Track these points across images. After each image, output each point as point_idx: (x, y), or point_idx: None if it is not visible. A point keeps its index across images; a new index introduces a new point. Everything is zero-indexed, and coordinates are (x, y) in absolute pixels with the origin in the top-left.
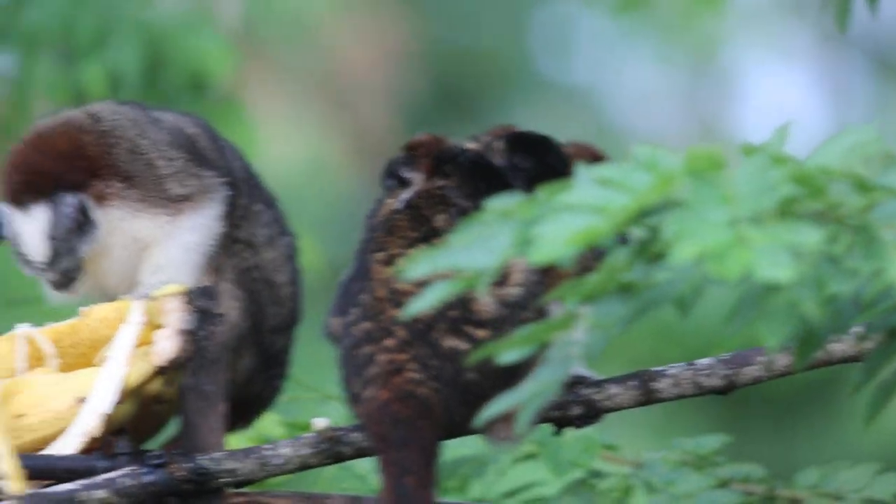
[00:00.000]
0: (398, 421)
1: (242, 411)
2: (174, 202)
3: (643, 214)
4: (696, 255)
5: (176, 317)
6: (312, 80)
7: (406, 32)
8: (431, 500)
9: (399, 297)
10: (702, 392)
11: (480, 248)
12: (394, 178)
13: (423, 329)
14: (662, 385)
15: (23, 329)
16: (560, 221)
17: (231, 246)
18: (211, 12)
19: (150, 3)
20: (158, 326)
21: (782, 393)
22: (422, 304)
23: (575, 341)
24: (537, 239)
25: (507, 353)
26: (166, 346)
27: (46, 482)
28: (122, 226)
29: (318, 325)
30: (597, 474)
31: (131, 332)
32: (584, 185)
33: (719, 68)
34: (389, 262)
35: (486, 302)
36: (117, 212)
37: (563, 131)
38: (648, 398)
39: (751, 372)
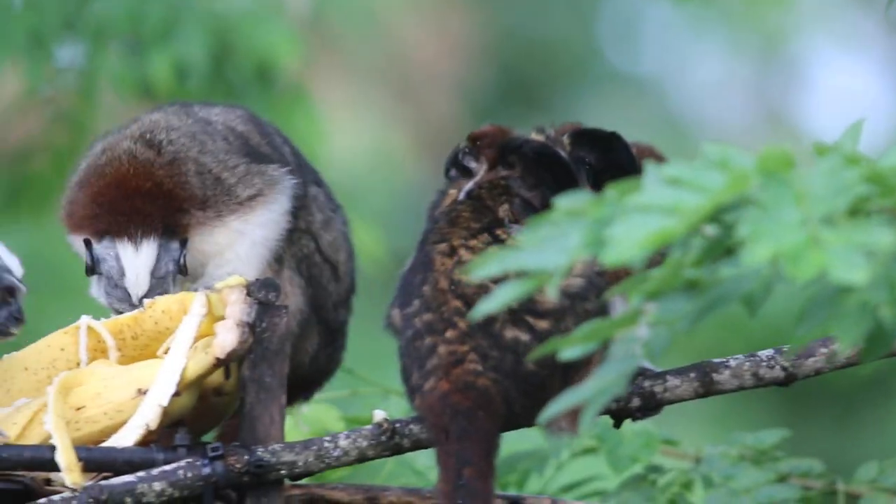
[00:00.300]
0: (458, 412)
1: (305, 386)
2: (244, 203)
3: (717, 214)
4: (771, 256)
5: (237, 308)
6: (379, 71)
7: (473, 23)
8: (490, 492)
9: (461, 289)
10: (762, 384)
11: (550, 249)
12: (458, 167)
13: (484, 320)
14: (723, 377)
15: (85, 320)
16: (632, 222)
17: (291, 235)
18: (280, 3)
19: None
20: (220, 318)
21: (844, 385)
22: (491, 305)
23: (639, 338)
24: (610, 240)
25: (570, 350)
26: (226, 337)
27: (105, 474)
28: (201, 247)
29: (378, 318)
30: (656, 469)
31: (192, 323)
32: (655, 185)
33: (786, 58)
34: (451, 252)
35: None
36: (198, 237)
37: (630, 121)
38: (708, 390)
39: (812, 364)
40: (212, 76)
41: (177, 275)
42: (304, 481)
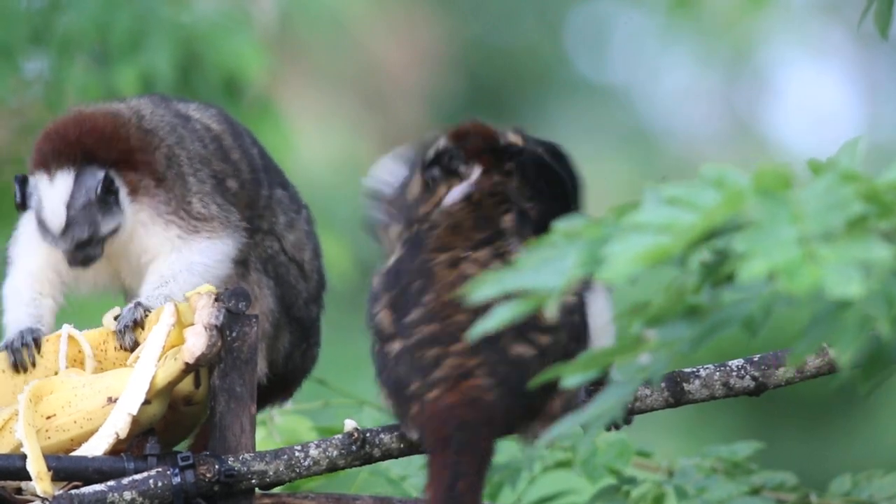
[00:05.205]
0: (463, 424)
1: (283, 385)
2: (192, 219)
3: (712, 233)
4: (767, 273)
5: (205, 312)
6: (347, 81)
7: (441, 32)
8: None
9: (465, 302)
10: (733, 393)
11: (548, 270)
12: (442, 168)
13: (492, 335)
14: (693, 387)
15: (66, 329)
16: (628, 241)
17: (254, 237)
18: (246, 13)
19: (185, 6)
20: (190, 326)
21: (814, 395)
22: (490, 324)
23: (640, 365)
24: (606, 258)
25: (573, 377)
26: (195, 342)
27: (76, 483)
28: (142, 224)
29: (347, 327)
30: (629, 481)
31: (161, 332)
32: (652, 204)
33: (755, 67)
34: (454, 264)
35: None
36: (144, 209)
37: (598, 130)
38: (679, 400)
39: (782, 374)
40: (179, 87)
41: (109, 211)
42: (274, 490)
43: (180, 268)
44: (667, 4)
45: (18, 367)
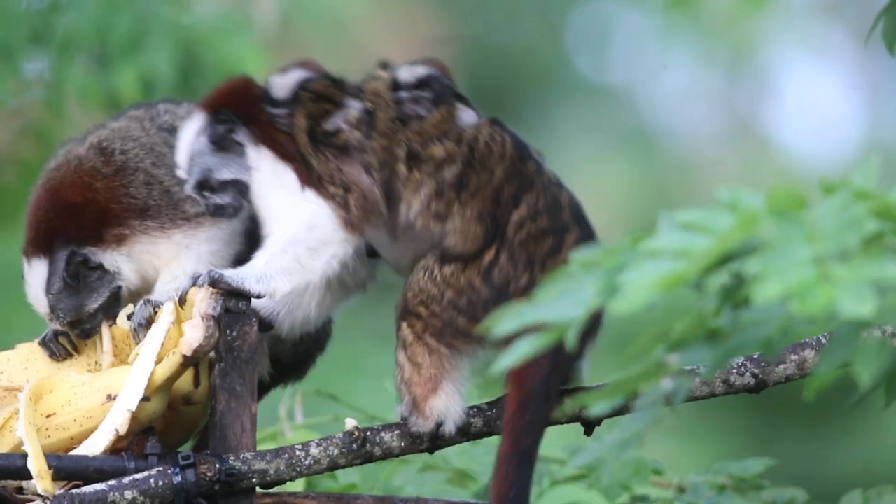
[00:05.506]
0: (556, 389)
1: (297, 366)
2: (191, 219)
3: (728, 256)
4: (781, 294)
5: (203, 304)
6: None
7: (442, 32)
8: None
9: None
10: (733, 390)
11: (568, 301)
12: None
13: None
14: (693, 384)
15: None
16: (644, 268)
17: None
18: (247, 15)
19: (186, 7)
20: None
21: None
22: (513, 359)
23: (663, 390)
24: (623, 286)
25: (598, 406)
26: (193, 334)
27: (76, 482)
28: (145, 257)
29: (345, 328)
30: (643, 498)
31: (160, 330)
32: (667, 229)
33: (756, 67)
34: None
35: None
36: (138, 246)
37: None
38: None
39: (782, 371)
40: (179, 89)
41: (79, 289)
42: (275, 489)
43: (189, 262)
44: (663, 4)
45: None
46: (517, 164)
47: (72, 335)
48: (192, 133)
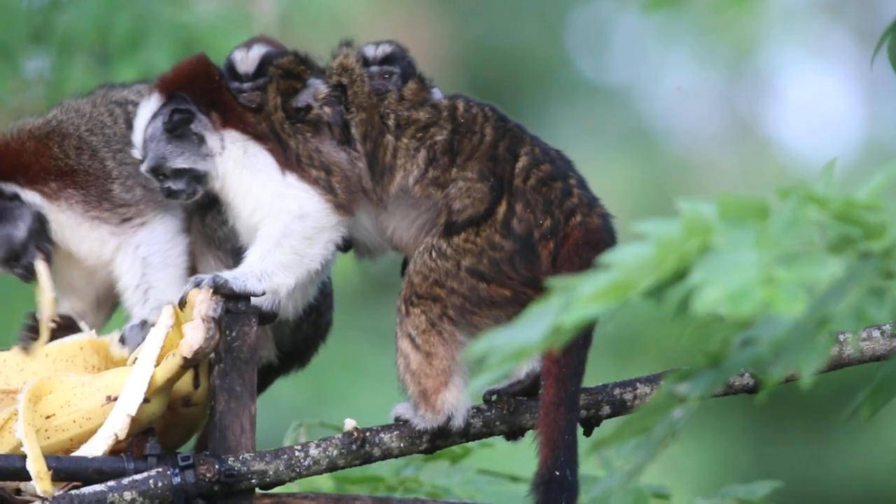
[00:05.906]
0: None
1: (298, 354)
2: (117, 207)
3: (683, 265)
4: (720, 298)
5: (203, 306)
6: None
7: (442, 32)
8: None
9: None
10: (732, 391)
11: (536, 325)
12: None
13: None
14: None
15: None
16: (593, 281)
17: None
18: (247, 14)
19: (186, 6)
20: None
21: (814, 394)
22: (483, 382)
23: (675, 419)
24: (572, 302)
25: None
26: (193, 336)
27: (76, 483)
28: (68, 226)
29: (345, 328)
30: None
31: (160, 333)
32: (627, 243)
33: (755, 67)
34: None
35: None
36: (64, 213)
37: (599, 130)
38: None
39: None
40: None
41: (19, 223)
42: (275, 490)
43: (141, 270)
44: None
45: None
46: (502, 122)
47: (13, 274)
48: (146, 116)
